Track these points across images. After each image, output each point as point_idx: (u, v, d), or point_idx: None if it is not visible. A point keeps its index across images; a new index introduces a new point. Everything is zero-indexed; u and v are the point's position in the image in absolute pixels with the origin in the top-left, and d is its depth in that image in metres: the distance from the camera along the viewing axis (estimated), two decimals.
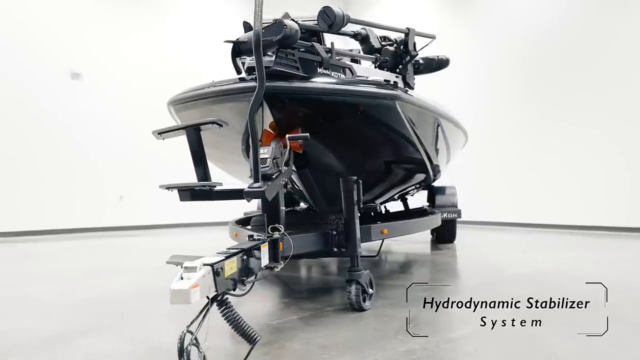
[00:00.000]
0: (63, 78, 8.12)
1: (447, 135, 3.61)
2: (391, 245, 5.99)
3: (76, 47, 8.26)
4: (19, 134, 7.74)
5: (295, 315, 2.71)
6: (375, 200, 4.78)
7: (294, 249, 2.53)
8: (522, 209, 8.18)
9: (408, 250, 5.60)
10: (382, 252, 5.45)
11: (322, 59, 2.57)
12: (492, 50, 8.75)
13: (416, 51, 3.19)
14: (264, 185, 2.15)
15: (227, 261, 1.65)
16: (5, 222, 7.55)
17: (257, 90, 2.07)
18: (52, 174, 7.92)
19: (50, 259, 5.49)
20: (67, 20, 8.26)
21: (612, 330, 2.28)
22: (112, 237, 7.62)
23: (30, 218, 7.72)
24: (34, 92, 7.88)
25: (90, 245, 6.60)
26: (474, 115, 8.82)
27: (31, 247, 6.54)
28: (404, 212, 5.30)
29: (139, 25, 8.91)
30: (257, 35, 1.99)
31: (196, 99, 2.62)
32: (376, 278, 3.81)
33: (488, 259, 4.87)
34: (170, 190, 2.24)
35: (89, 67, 8.29)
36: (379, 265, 4.67)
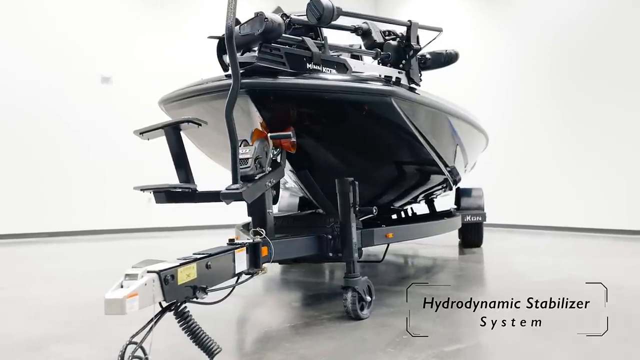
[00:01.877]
0: (94, 82, 8.27)
1: (460, 135, 3.41)
2: (419, 249, 5.80)
3: (103, 52, 8.40)
4: (47, 140, 7.88)
5: (289, 323, 2.60)
6: (394, 202, 4.63)
7: (283, 253, 2.42)
8: (553, 212, 7.80)
9: (433, 254, 5.40)
10: (408, 257, 5.28)
11: (312, 54, 2.44)
12: (524, 50, 8.39)
13: (419, 45, 3.02)
14: (243, 187, 2.05)
15: (182, 268, 1.55)
16: (33, 223, 7.69)
17: (232, 87, 1.98)
18: (80, 177, 8.04)
19: (59, 259, 5.55)
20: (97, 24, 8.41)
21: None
22: (140, 238, 7.70)
23: (59, 219, 7.85)
24: (66, 97, 8.04)
25: (99, 248, 6.67)
26: (504, 115, 8.55)
27: (40, 248, 6.62)
28: (427, 214, 5.12)
29: (162, 27, 8.94)
30: (229, 29, 1.90)
31: (184, 97, 2.54)
32: (387, 284, 3.69)
33: (512, 263, 4.61)
34: (143, 192, 2.17)
35: (117, 71, 8.42)
36: (401, 270, 4.51)
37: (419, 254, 5.43)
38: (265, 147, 2.23)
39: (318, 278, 3.90)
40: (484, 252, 5.37)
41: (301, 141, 2.60)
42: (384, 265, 4.81)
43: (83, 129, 8.15)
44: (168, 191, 2.16)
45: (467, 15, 9.48)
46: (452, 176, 4.12)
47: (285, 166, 2.52)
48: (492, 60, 8.89)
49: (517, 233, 7.68)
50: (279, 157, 2.51)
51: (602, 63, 7.31)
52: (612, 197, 7.10)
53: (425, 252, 5.53)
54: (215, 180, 2.76)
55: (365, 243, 2.90)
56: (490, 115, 8.61)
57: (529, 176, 8.20)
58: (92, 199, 8.08)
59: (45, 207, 7.79)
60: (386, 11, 10.90)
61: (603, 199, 7.20)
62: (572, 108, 7.69)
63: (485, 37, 9.02)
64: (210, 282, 1.74)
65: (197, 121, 2.13)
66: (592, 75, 7.42)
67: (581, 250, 5.60)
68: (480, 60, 9.03)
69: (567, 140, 7.71)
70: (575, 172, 7.58)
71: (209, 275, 1.72)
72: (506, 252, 5.55)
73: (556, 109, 7.90)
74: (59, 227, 7.87)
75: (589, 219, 7.32)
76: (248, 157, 2.15)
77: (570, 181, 7.62)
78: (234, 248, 1.94)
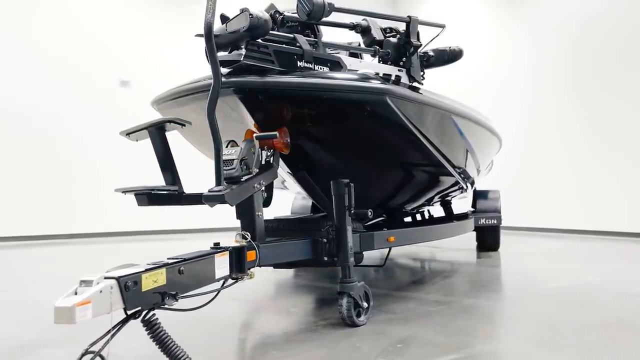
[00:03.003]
0: (113, 85, 8.36)
1: (468, 136, 3.28)
2: (436, 252, 5.67)
3: (125, 55, 8.47)
4: (49, 142, 7.94)
5: (283, 330, 2.52)
6: (405, 205, 4.52)
7: (274, 257, 2.35)
8: (573, 214, 7.55)
9: (448, 257, 5.26)
10: (423, 260, 5.16)
11: (304, 51, 2.36)
12: (542, 49, 8.16)
13: (420, 42, 2.90)
14: (226, 189, 1.98)
15: (148, 274, 1.48)
16: (35, 226, 7.71)
17: (212, 87, 1.91)
18: (82, 180, 8.05)
19: (62, 262, 5.55)
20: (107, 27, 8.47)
21: None
22: (144, 241, 7.67)
23: (61, 221, 7.84)
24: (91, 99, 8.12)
25: (103, 250, 6.68)
26: (522, 115, 8.36)
27: (42, 251, 6.63)
28: (438, 218, 4.99)
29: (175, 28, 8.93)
30: (207, 26, 1.83)
31: (175, 97, 2.48)
32: (393, 288, 3.58)
33: (528, 268, 4.45)
34: (125, 194, 2.12)
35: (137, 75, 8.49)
36: (413, 273, 4.39)
37: (433, 258, 5.30)
38: (252, 147, 2.15)
39: (329, 282, 3.78)
40: (500, 256, 5.21)
41: (296, 142, 2.53)
42: (398, 268, 4.71)
43: (87, 132, 8.19)
44: (150, 193, 2.11)
45: (486, 15, 9.30)
46: (463, 178, 4.00)
47: (278, 168, 2.44)
48: (509, 60, 8.70)
49: (536, 236, 7.46)
50: (272, 159, 2.44)
51: (619, 63, 7.08)
52: (633, 199, 6.84)
53: (441, 256, 5.39)
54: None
55: (365, 247, 2.81)
56: (508, 116, 8.45)
57: (547, 178, 7.97)
58: (94, 202, 8.07)
59: (47, 209, 7.83)
60: (405, 11, 10.73)
61: (623, 200, 6.94)
62: (589, 109, 7.45)
63: (503, 37, 8.83)
64: (183, 288, 1.67)
65: (180, 121, 2.07)
66: (610, 75, 7.19)
67: (602, 255, 5.39)
68: (497, 61, 8.87)
69: (587, 141, 7.46)
70: (596, 173, 7.33)
71: (182, 281, 1.65)
72: (522, 256, 5.36)
73: (573, 109, 7.67)
74: (61, 229, 7.91)
75: (610, 222, 7.07)
76: (233, 158, 2.08)
77: (591, 183, 7.36)
78: (214, 252, 1.87)
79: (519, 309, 2.88)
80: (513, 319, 2.70)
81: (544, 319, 2.60)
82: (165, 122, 2.11)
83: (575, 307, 2.88)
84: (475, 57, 9.29)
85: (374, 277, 4.16)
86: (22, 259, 5.96)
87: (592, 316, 2.65)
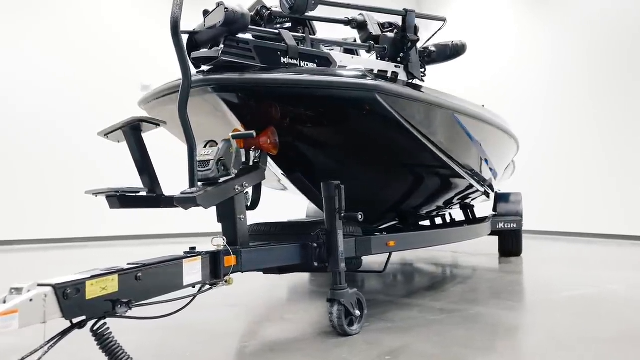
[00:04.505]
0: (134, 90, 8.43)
1: (475, 135, 3.11)
2: (456, 257, 5.48)
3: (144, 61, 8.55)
4: (49, 146, 8.00)
5: (270, 338, 2.43)
6: (419, 209, 4.37)
7: (259, 262, 2.26)
8: (600, 218, 7.22)
9: (467, 262, 5.06)
10: (442, 266, 4.97)
11: (288, 47, 2.25)
12: (568, 49, 7.89)
13: (417, 36, 2.75)
14: (199, 191, 1.89)
15: (94, 280, 1.39)
16: (37, 229, 7.75)
17: (182, 85, 1.83)
18: (83, 183, 8.08)
19: (65, 265, 5.53)
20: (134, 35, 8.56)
21: None
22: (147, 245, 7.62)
23: (62, 225, 7.85)
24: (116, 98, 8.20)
25: (108, 254, 6.67)
26: (545, 116, 8.12)
27: (44, 254, 6.66)
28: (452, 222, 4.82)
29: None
30: (173, 20, 1.75)
31: (161, 95, 2.41)
32: (400, 295, 3.42)
33: (549, 275, 4.22)
34: (96, 196, 2.05)
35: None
36: (425, 279, 4.23)
37: (451, 263, 5.10)
38: (230, 148, 2.06)
39: (359, 290, 3.62)
40: (521, 262, 4.98)
41: (287, 142, 2.43)
42: (412, 274, 4.55)
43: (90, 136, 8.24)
44: (123, 196, 2.03)
45: (512, 14, 9.06)
46: (478, 180, 3.82)
47: (265, 169, 2.34)
48: (533, 60, 8.45)
49: (564, 241, 7.14)
50: (259, 160, 2.34)
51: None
52: None
53: (460, 261, 5.20)
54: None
55: (361, 252, 2.68)
56: (531, 117, 8.20)
57: (576, 180, 7.65)
58: (95, 205, 8.08)
59: (49, 213, 7.87)
60: (429, 11, 10.56)
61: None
62: (615, 109, 7.14)
63: (528, 36, 8.59)
64: (142, 295, 1.58)
65: (154, 121, 1.99)
66: (636, 76, 6.87)
67: (633, 262, 5.09)
68: (521, 60, 8.65)
69: (613, 143, 7.15)
70: (623, 175, 7.00)
71: (140, 288, 1.56)
72: (545, 262, 5.12)
73: (599, 109, 7.37)
74: (61, 233, 7.93)
75: (637, 226, 6.74)
76: (209, 158, 1.99)
77: (619, 185, 7.03)
78: (182, 258, 1.78)
79: (528, 319, 2.70)
80: (519, 330, 2.52)
81: (552, 331, 2.42)
82: (137, 121, 2.04)
83: (591, 317, 2.69)
84: (499, 56, 9.08)
85: (382, 283, 4.01)
86: (23, 263, 6.00)
87: (607, 328, 2.45)
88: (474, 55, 9.50)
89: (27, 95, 7.97)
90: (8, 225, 7.65)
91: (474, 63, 9.62)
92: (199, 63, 2.25)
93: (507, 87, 8.75)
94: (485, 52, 9.22)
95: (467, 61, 9.62)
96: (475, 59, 9.61)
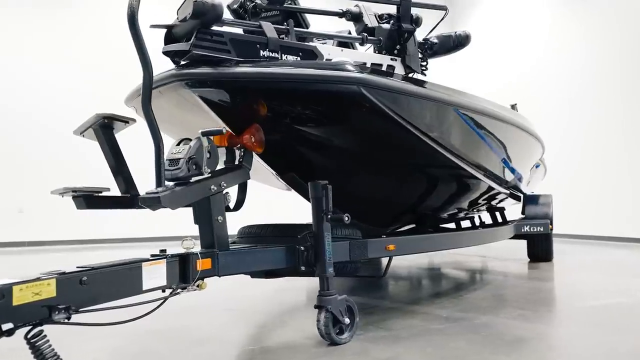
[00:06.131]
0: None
1: (485, 133, 2.91)
2: (483, 262, 5.24)
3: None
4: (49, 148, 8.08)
5: (256, 345, 2.33)
6: (437, 211, 4.19)
7: (239, 266, 2.16)
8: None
9: (492, 268, 4.84)
10: (470, 271, 4.75)
11: (268, 39, 2.14)
12: (602, 47, 7.50)
13: (414, 26, 2.58)
14: (165, 191, 1.80)
15: (24, 285, 1.31)
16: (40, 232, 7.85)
17: (144, 78, 1.75)
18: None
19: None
20: None
21: None
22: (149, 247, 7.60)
23: (67, 228, 7.91)
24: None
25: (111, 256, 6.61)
26: (581, 115, 7.75)
27: (47, 257, 6.69)
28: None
29: None
30: (130, 10, 1.67)
31: (140, 93, 2.33)
32: (407, 301, 3.22)
33: (576, 282, 3.95)
34: (62, 196, 1.99)
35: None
36: (444, 287, 4.04)
37: (475, 268, 4.87)
38: (203, 146, 1.95)
39: (365, 295, 3.45)
40: (550, 268, 4.69)
41: (275, 140, 2.32)
42: (427, 279, 4.36)
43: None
44: (90, 196, 1.97)
45: (548, 10, 8.71)
46: (496, 182, 3.61)
47: (249, 168, 2.24)
48: (564, 58, 8.11)
49: (601, 246, 6.74)
50: (243, 158, 2.25)
51: None
52: None
53: (485, 266, 4.97)
54: None
55: (356, 256, 2.53)
56: (563, 116, 7.81)
57: (613, 182, 7.24)
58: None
59: (54, 216, 7.77)
60: (462, 7, 10.32)
61: None
62: None
63: (562, 33, 8.25)
64: (88, 300, 1.50)
65: (122, 118, 1.92)
66: None
67: None
68: (553, 58, 8.31)
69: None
70: None
71: (85, 293, 1.48)
72: (575, 268, 4.83)
73: (634, 110, 6.97)
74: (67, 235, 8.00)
75: None
76: (179, 157, 1.90)
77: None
78: (142, 261, 1.69)
79: (538, 330, 2.48)
80: (523, 343, 2.30)
81: (562, 345, 2.22)
82: (102, 118, 1.97)
83: (610, 330, 2.45)
84: (531, 53, 8.78)
85: (394, 288, 3.85)
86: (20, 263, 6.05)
87: (624, 343, 2.22)
88: (507, 52, 9.25)
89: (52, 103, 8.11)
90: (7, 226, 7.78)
91: (506, 59, 9.32)
92: (175, 58, 2.17)
93: (539, 85, 8.48)
94: (517, 49, 8.95)
95: (499, 58, 9.40)
96: (507, 56, 9.32)
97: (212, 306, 3.10)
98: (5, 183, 7.95)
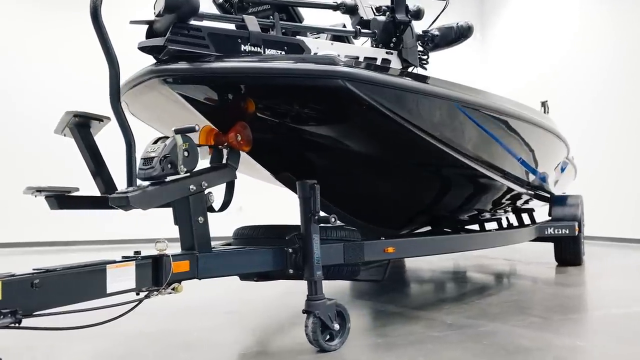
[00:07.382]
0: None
1: (494, 131, 2.75)
2: (510, 266, 5.03)
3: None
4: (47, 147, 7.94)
5: (240, 351, 2.25)
6: (456, 213, 4.04)
7: (222, 269, 2.09)
8: None
9: (517, 271, 4.65)
10: (490, 274, 4.57)
11: (249, 33, 2.05)
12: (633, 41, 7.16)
13: (409, 17, 2.44)
14: (136, 190, 1.75)
15: None
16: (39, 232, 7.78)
17: (110, 74, 1.69)
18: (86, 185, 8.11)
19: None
20: None
21: None
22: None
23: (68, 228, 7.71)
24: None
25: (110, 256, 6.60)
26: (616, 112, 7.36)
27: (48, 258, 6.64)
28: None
29: None
30: (92, 5, 1.62)
31: (128, 88, 2.28)
32: (413, 306, 3.07)
33: (602, 288, 3.74)
34: (35, 196, 1.96)
35: None
36: (457, 291, 3.88)
37: (498, 271, 4.68)
38: (178, 145, 1.88)
39: (375, 299, 3.32)
40: (579, 272, 4.44)
41: (264, 138, 2.24)
42: (452, 282, 4.20)
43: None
44: (61, 196, 1.93)
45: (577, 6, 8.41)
46: (516, 182, 3.43)
47: (235, 167, 2.17)
48: (593, 52, 7.77)
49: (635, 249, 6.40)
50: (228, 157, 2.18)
51: None
52: None
53: (510, 270, 4.77)
54: None
55: (351, 258, 2.42)
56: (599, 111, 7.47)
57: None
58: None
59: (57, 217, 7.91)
60: (491, 5, 10.07)
61: None
62: None
63: (592, 30, 7.90)
64: (41, 304, 1.45)
65: (93, 116, 1.87)
66: None
67: None
68: (581, 52, 8.02)
69: None
70: None
71: (38, 296, 1.43)
72: (605, 272, 4.60)
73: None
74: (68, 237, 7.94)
75: None
76: (153, 156, 1.83)
77: None
78: (107, 263, 1.63)
79: (544, 341, 2.30)
80: (526, 354, 2.14)
81: (566, 357, 2.05)
82: (73, 116, 1.92)
83: (629, 341, 2.26)
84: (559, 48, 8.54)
85: (405, 291, 3.71)
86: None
87: (636, 355, 2.05)
88: (536, 47, 8.94)
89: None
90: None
91: (536, 54, 9.03)
92: (152, 54, 2.11)
93: (570, 81, 8.15)
94: (546, 44, 8.69)
95: (528, 53, 9.10)
96: (537, 51, 9.02)
97: (212, 308, 3.05)
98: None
